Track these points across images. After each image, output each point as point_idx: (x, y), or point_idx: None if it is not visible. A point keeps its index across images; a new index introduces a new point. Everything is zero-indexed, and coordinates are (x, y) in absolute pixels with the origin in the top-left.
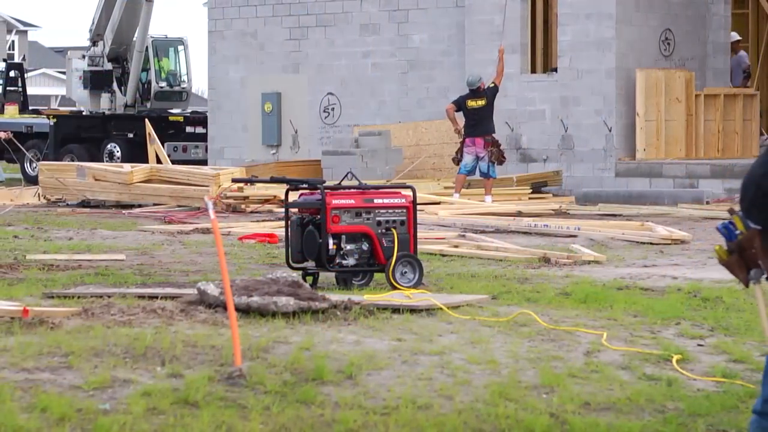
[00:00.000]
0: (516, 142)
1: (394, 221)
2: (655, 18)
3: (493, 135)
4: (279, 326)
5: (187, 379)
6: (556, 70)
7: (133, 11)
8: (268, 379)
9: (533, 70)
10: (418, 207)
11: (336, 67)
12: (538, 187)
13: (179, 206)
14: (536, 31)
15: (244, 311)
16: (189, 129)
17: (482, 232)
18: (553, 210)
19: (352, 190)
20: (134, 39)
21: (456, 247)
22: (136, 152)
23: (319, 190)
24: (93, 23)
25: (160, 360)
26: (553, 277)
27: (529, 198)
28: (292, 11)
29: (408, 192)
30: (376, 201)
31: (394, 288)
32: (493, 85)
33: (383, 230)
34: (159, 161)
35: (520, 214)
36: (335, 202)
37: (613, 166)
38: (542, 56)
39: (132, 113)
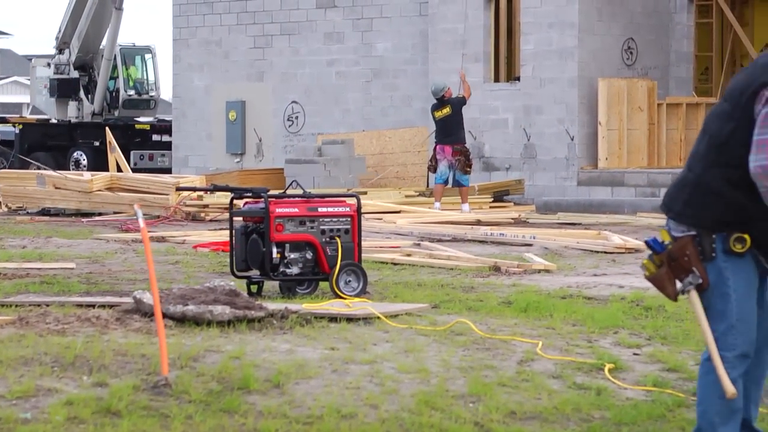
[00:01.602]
0: (479, 150)
1: (338, 230)
2: (618, 27)
3: (464, 144)
4: (213, 335)
5: (111, 388)
6: (518, 78)
7: (100, 19)
8: (193, 388)
9: (496, 79)
10: (377, 215)
11: (300, 75)
12: (500, 196)
13: None
14: (500, 40)
15: (180, 320)
16: (155, 137)
17: (439, 240)
18: (512, 219)
19: (297, 199)
20: (101, 47)
21: (409, 255)
22: (102, 160)
23: (263, 199)
24: (60, 31)
25: (89, 369)
26: (499, 286)
27: (490, 207)
28: (257, 19)
29: (352, 201)
30: (320, 210)
31: (338, 297)
32: (461, 96)
33: (327, 239)
34: (120, 169)
35: (479, 222)
36: (279, 210)
37: (576, 175)
38: (505, 65)
39: (99, 121)
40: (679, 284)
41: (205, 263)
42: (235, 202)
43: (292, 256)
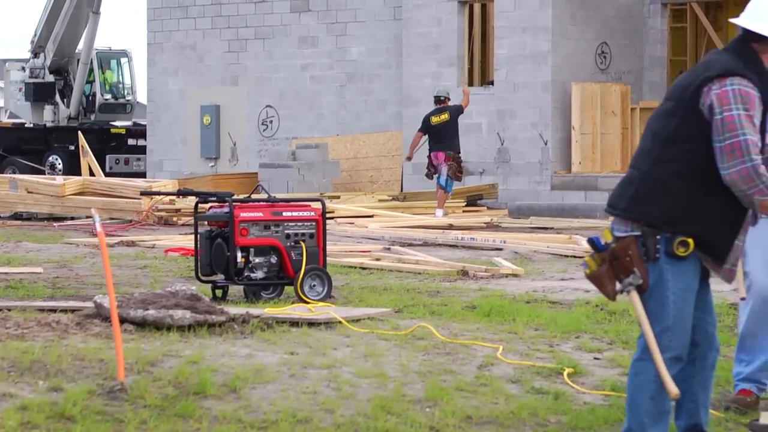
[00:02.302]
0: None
1: (303, 234)
2: (592, 32)
3: (457, 152)
4: (173, 340)
5: (66, 393)
6: (492, 83)
7: (76, 23)
8: (149, 393)
9: (470, 83)
10: (349, 220)
11: (274, 79)
12: (474, 200)
13: (111, 219)
14: (473, 44)
15: (140, 324)
16: (131, 141)
17: (410, 245)
18: (484, 223)
19: (261, 203)
20: (76, 51)
21: (378, 260)
22: (78, 164)
23: (227, 203)
24: (35, 35)
25: (45, 374)
26: (465, 290)
27: (464, 211)
28: (231, 24)
29: (317, 205)
30: (284, 214)
31: (303, 301)
32: (458, 105)
33: (292, 243)
34: (92, 174)
35: (451, 227)
36: (243, 215)
37: (549, 179)
38: (479, 69)
39: (74, 125)
40: (618, 284)
41: (174, 268)
42: (201, 206)
43: (257, 260)
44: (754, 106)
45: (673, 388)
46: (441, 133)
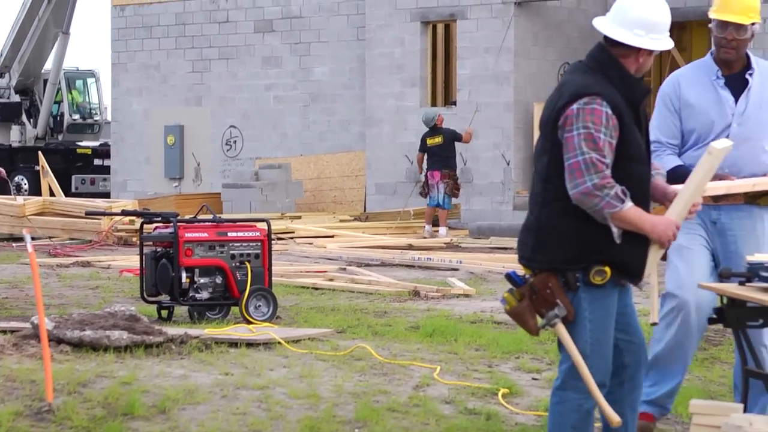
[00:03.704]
0: (415, 175)
1: (248, 255)
2: (554, 52)
3: (453, 170)
4: (108, 360)
5: None
6: (455, 103)
7: (42, 43)
8: (76, 414)
9: (433, 103)
10: (308, 240)
11: (238, 99)
12: (437, 220)
13: (71, 239)
14: (437, 65)
15: (77, 345)
16: (97, 161)
17: (367, 265)
18: (444, 243)
19: (206, 224)
20: (42, 71)
21: (331, 280)
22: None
23: (172, 224)
24: (0, 55)
25: None
26: (413, 310)
27: (435, 231)
28: (195, 44)
29: (263, 225)
30: (230, 234)
31: (248, 321)
32: (459, 134)
33: (237, 263)
34: (53, 194)
35: (411, 247)
36: (188, 235)
37: (512, 199)
38: (443, 89)
39: (41, 145)
40: (540, 318)
41: (125, 288)
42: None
43: (202, 280)
44: (600, 123)
45: (614, 417)
46: (436, 154)
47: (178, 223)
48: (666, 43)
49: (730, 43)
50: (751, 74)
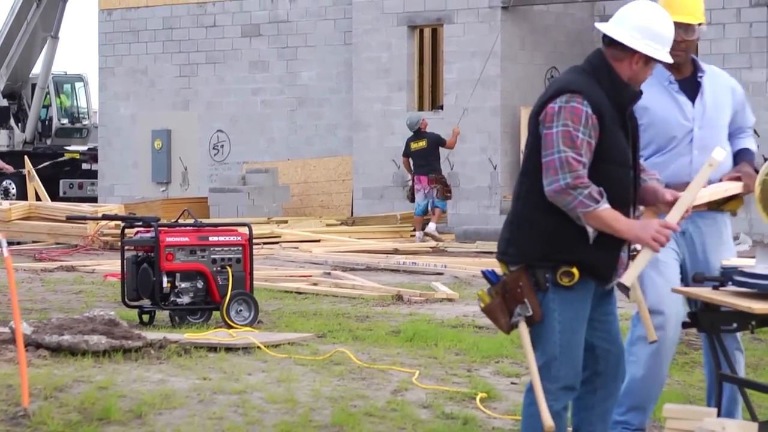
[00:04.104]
0: (402, 179)
1: (229, 259)
2: (541, 56)
3: (439, 173)
4: (86, 365)
5: None
6: (442, 107)
7: (30, 48)
8: (52, 419)
9: (420, 108)
10: (294, 244)
11: (225, 104)
12: (423, 225)
13: (57, 243)
14: (423, 69)
15: (55, 350)
16: (85, 166)
17: (352, 269)
18: (430, 248)
19: (187, 228)
20: (30, 75)
21: (315, 284)
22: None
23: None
24: None
25: None
26: (396, 315)
27: (411, 235)
28: (182, 48)
29: (244, 230)
30: (211, 239)
31: (229, 326)
32: (443, 139)
33: (218, 268)
34: (39, 198)
35: (396, 251)
36: (169, 239)
37: (498, 204)
38: (430, 94)
39: (28, 150)
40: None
41: (109, 293)
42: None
43: (183, 285)
44: (579, 122)
45: (548, 421)
46: (420, 159)
47: (159, 228)
48: (662, 55)
49: (680, 45)
50: (701, 77)
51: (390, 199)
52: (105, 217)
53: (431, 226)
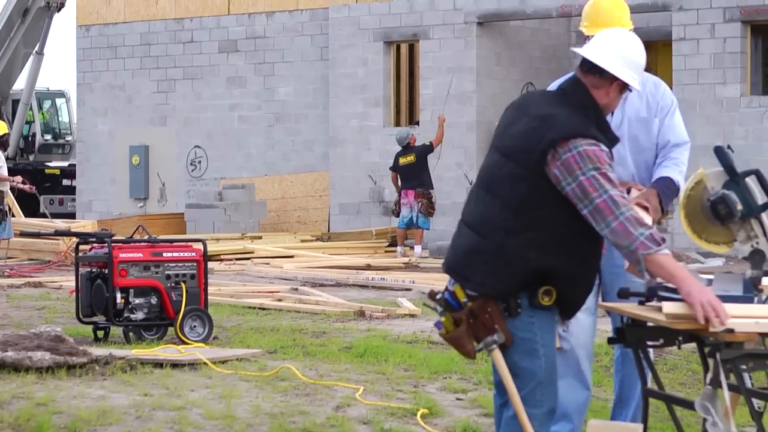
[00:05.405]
0: (378, 195)
1: (183, 275)
2: (517, 72)
3: (427, 188)
4: (29, 381)
5: None
6: (418, 123)
7: (11, 64)
8: None
9: (397, 123)
10: (265, 260)
11: (203, 119)
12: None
13: (30, 259)
14: (400, 84)
15: None
16: (66, 182)
17: (321, 285)
18: (403, 263)
19: (141, 244)
20: (11, 91)
21: (280, 300)
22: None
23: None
24: None
25: None
26: (353, 330)
27: (385, 251)
28: (160, 64)
29: (199, 246)
30: (165, 254)
31: (183, 342)
32: (428, 143)
33: (173, 284)
34: (13, 214)
35: (368, 267)
36: (123, 255)
37: None
38: (407, 109)
39: (9, 166)
40: (476, 342)
41: (72, 309)
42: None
43: (137, 301)
44: (605, 161)
45: None
46: (409, 172)
47: (113, 244)
48: (637, 84)
49: None
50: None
51: (366, 215)
52: (57, 233)
53: (417, 250)
